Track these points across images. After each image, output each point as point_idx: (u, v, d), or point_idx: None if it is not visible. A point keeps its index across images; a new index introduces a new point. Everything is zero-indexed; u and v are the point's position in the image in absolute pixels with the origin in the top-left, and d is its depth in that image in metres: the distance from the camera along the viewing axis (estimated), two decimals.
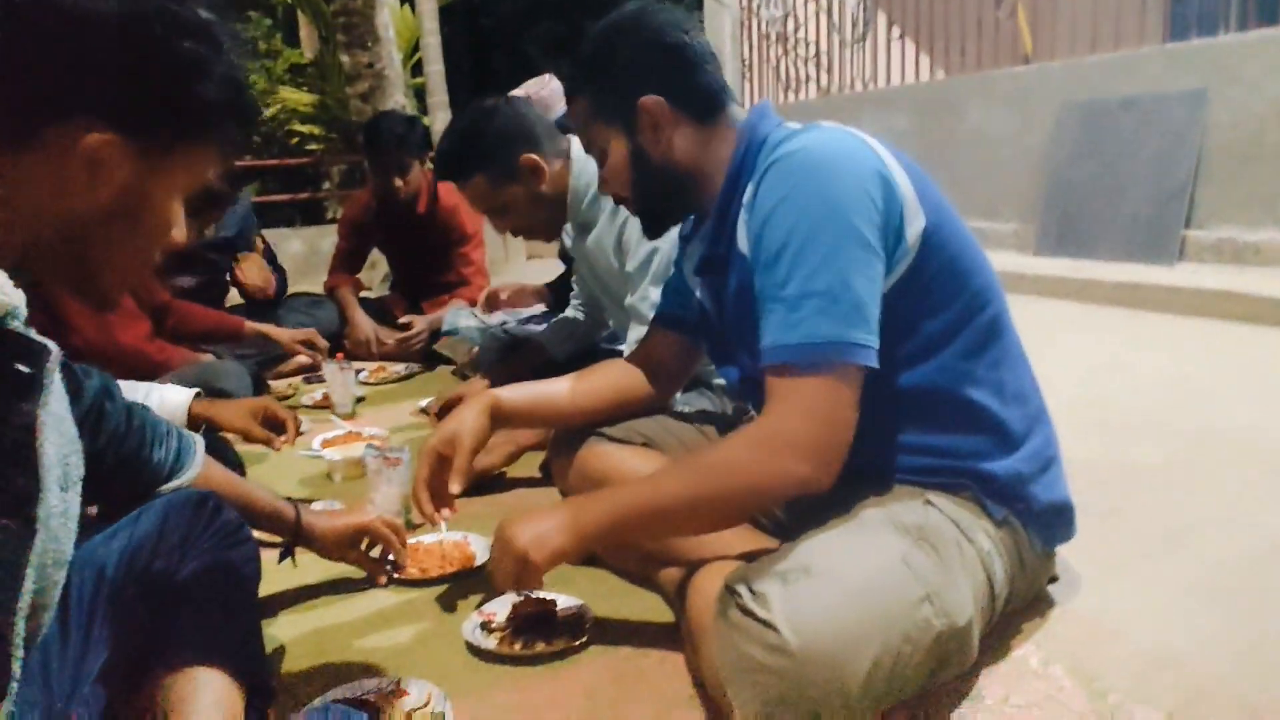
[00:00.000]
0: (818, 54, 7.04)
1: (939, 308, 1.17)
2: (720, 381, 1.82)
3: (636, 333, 1.86)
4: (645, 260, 1.88)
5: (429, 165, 3.56)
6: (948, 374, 1.18)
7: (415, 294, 3.69)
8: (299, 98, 7.41)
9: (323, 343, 2.91)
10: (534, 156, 2.01)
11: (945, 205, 1.21)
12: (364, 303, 3.70)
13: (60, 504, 0.76)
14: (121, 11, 0.69)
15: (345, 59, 5.66)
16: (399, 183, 3.39)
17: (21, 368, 0.70)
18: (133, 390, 1.73)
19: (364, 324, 3.54)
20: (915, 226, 1.14)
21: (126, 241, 0.78)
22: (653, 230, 1.42)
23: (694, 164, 1.30)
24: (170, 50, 0.72)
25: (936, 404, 1.19)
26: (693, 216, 1.43)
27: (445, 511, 1.40)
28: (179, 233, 0.83)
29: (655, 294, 1.77)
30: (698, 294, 1.41)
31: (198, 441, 1.26)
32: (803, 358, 1.06)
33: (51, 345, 0.73)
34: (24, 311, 0.70)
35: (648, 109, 1.27)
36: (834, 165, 1.11)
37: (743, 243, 1.21)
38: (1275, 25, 4.04)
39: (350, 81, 5.81)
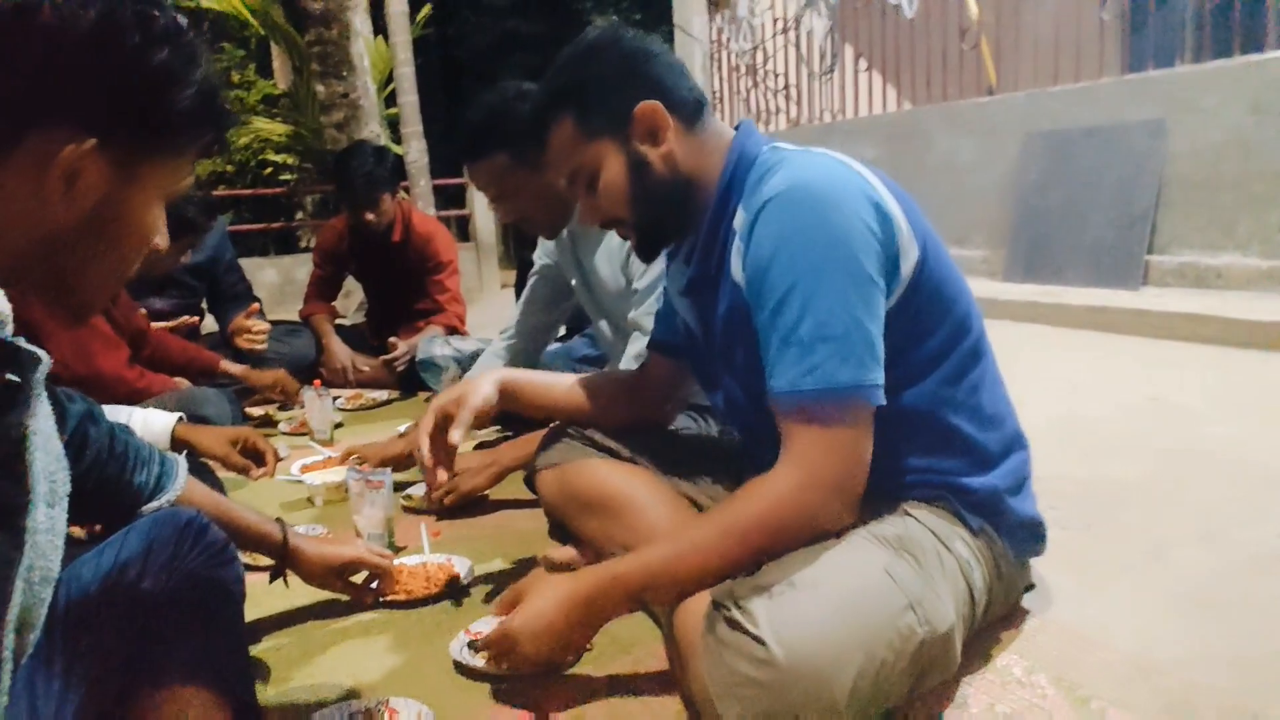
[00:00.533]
0: (787, 86, 7.16)
1: (925, 335, 1.19)
2: (703, 402, 1.83)
3: (638, 345, 1.86)
4: (656, 279, 1.85)
5: (400, 196, 3.57)
6: (930, 400, 1.20)
7: (391, 321, 3.67)
8: (273, 128, 7.40)
9: (293, 385, 2.90)
10: None
11: (931, 232, 1.22)
12: (340, 330, 3.69)
13: (47, 520, 0.76)
14: (97, 21, 0.69)
15: (320, 88, 5.68)
16: (370, 216, 3.40)
17: (11, 376, 0.69)
18: (115, 414, 1.72)
19: (340, 352, 3.52)
20: (911, 259, 1.15)
21: (106, 252, 0.77)
22: (648, 251, 1.37)
23: (692, 171, 1.27)
24: (147, 59, 0.72)
25: (917, 429, 1.21)
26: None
27: (425, 532, 1.39)
28: (162, 240, 0.82)
29: None
30: (682, 314, 1.42)
31: (180, 463, 1.24)
32: (822, 402, 1.07)
33: (41, 354, 0.73)
34: (10, 320, 0.70)
35: (645, 114, 1.23)
36: (833, 200, 1.11)
37: (736, 271, 1.20)
38: (1230, 57, 4.17)
39: (325, 111, 5.83)
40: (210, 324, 3.52)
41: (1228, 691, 1.16)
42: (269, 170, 7.44)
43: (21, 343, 0.70)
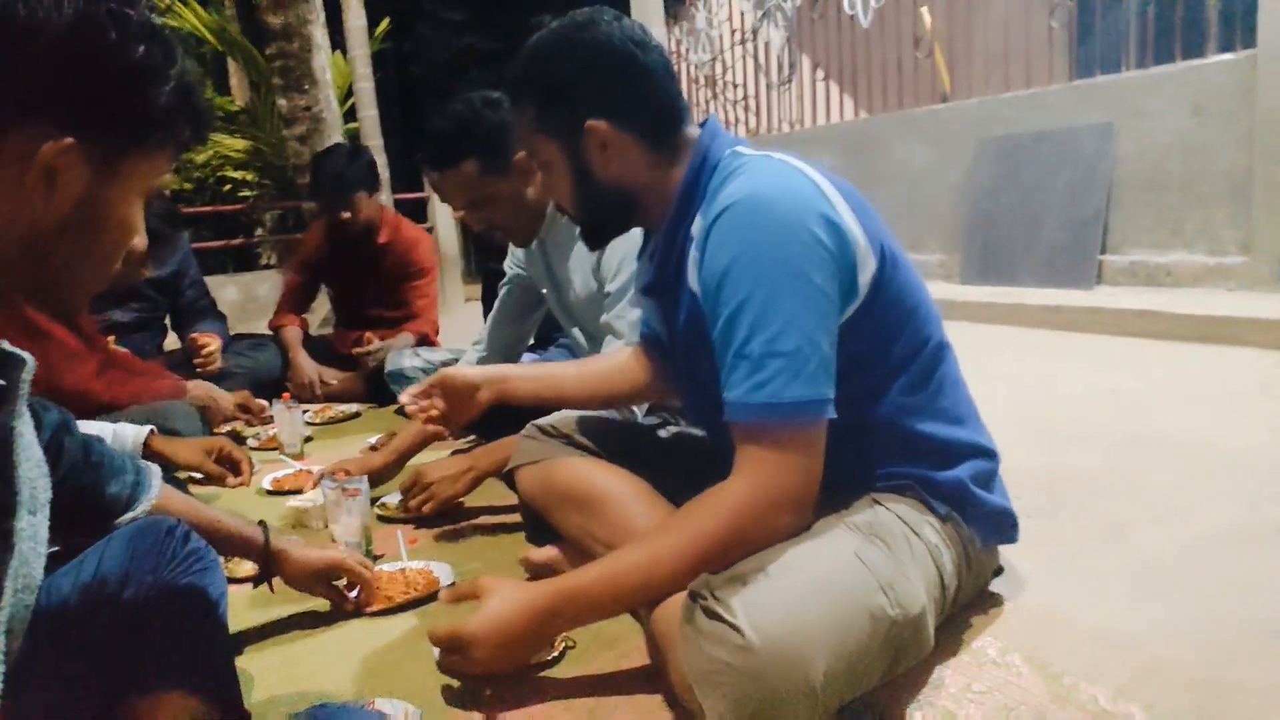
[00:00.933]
0: (745, 96, 7.25)
1: (887, 344, 1.21)
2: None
3: (611, 349, 1.87)
4: (627, 283, 1.87)
5: (379, 197, 3.56)
6: (894, 409, 1.23)
7: (361, 329, 3.65)
8: (232, 143, 7.33)
9: (258, 404, 2.87)
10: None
11: (890, 240, 1.23)
12: (308, 341, 3.66)
13: (29, 527, 0.76)
14: (74, 19, 0.69)
15: (282, 102, 5.64)
16: (345, 215, 3.40)
17: None
18: (86, 428, 1.70)
19: (306, 365, 3.50)
20: (868, 270, 1.16)
21: (89, 249, 0.77)
22: (593, 242, 1.40)
23: (642, 184, 1.28)
24: (124, 56, 0.72)
25: (883, 437, 1.24)
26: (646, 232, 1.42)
27: (402, 539, 1.39)
28: (140, 241, 0.82)
29: (634, 314, 1.79)
30: (646, 314, 1.44)
31: (154, 471, 1.23)
32: (772, 417, 1.09)
33: (26, 356, 0.73)
34: None
35: (593, 131, 1.23)
36: (785, 214, 1.11)
37: (692, 279, 1.22)
38: (1173, 63, 4.31)
39: (288, 124, 5.78)
40: (172, 341, 3.47)
41: (1193, 664, 1.20)
42: (228, 187, 7.37)
43: (5, 345, 0.71)
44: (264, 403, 2.88)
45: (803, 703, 0.96)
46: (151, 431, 1.78)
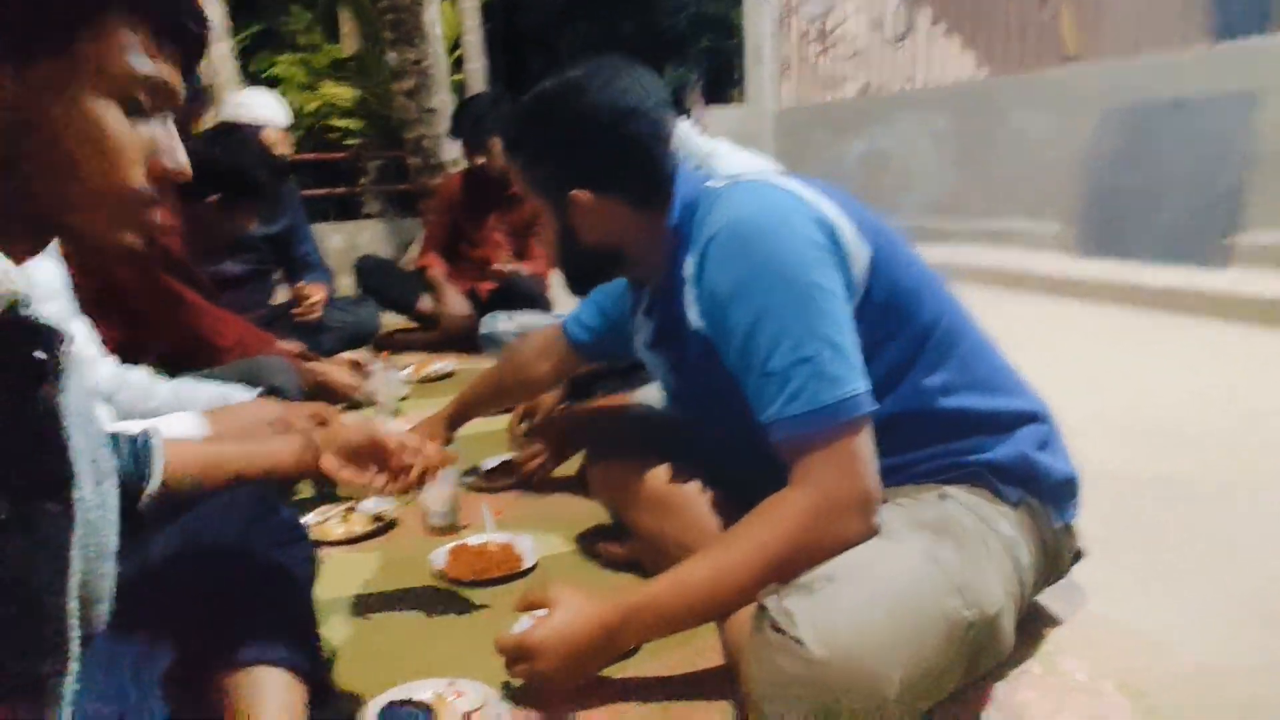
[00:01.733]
0: (857, 52, 7.00)
1: (895, 332, 1.19)
2: None
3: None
4: None
5: None
6: (920, 396, 1.19)
7: (478, 278, 3.82)
8: (340, 91, 7.48)
9: (364, 362, 2.94)
10: None
11: (886, 230, 1.22)
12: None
13: (96, 497, 0.78)
14: None
15: (392, 55, 5.68)
16: (479, 159, 3.59)
17: (38, 354, 0.69)
18: (194, 393, 1.78)
19: (457, 303, 3.71)
20: (861, 261, 1.16)
21: (54, 164, 0.71)
22: (577, 290, 1.45)
23: (626, 245, 1.31)
24: None
25: (924, 422, 1.20)
26: (636, 287, 1.45)
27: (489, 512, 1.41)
28: (168, 158, 0.76)
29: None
30: (651, 368, 1.48)
31: (154, 436, 1.06)
32: (815, 424, 1.07)
33: (66, 330, 0.72)
34: (32, 297, 0.70)
35: (578, 201, 1.25)
36: (772, 225, 1.13)
37: (693, 317, 1.23)
38: None
39: (396, 78, 5.84)
40: (283, 296, 3.58)
41: None
42: (334, 135, 7.53)
43: (47, 320, 0.71)
44: (360, 357, 2.96)
45: (876, 714, 0.93)
46: (260, 394, 1.84)
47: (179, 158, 0.77)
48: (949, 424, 1.21)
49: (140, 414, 1.63)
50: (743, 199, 1.18)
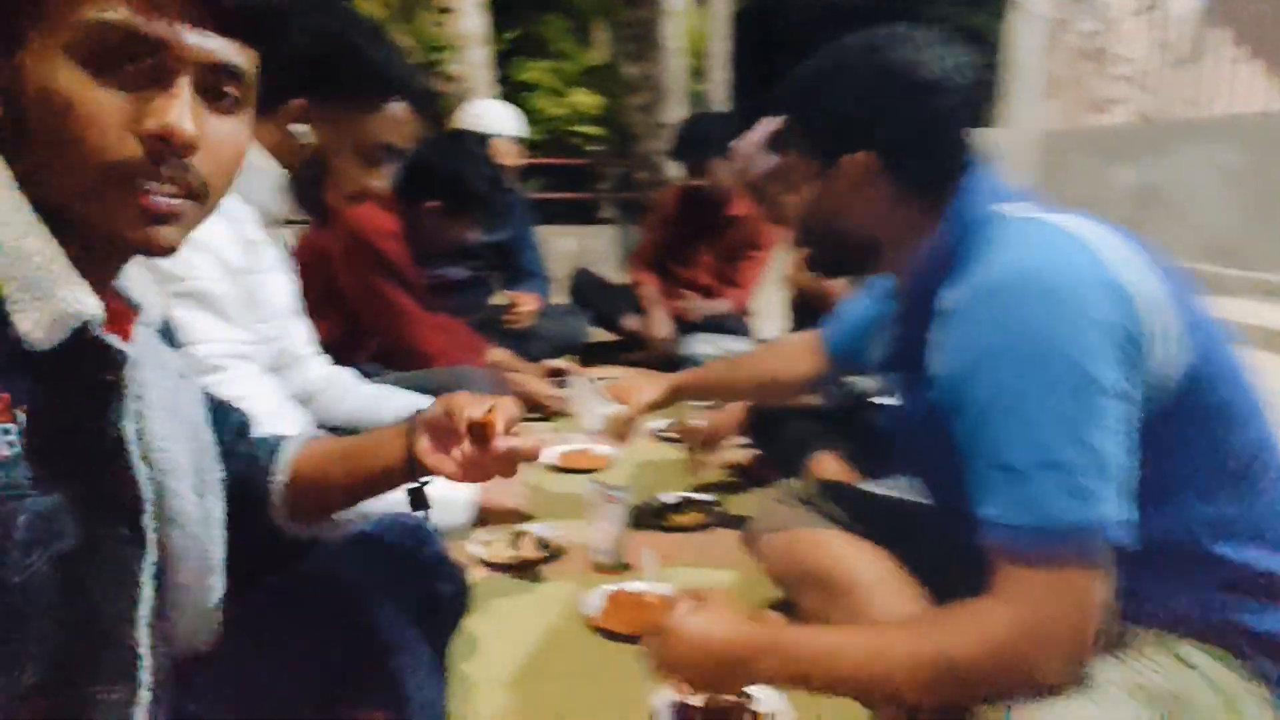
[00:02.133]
0: (1135, 74, 6.33)
1: (1189, 451, 0.95)
2: None
3: None
4: None
5: None
6: (1188, 528, 0.95)
7: (681, 298, 3.77)
8: (587, 100, 7.74)
9: (566, 369, 2.97)
10: None
11: (1217, 336, 0.97)
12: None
13: (199, 511, 0.78)
14: None
15: (629, 68, 5.78)
16: (697, 181, 3.51)
17: (106, 376, 0.69)
18: (389, 400, 1.81)
19: (663, 325, 3.63)
20: (1174, 365, 0.92)
21: (50, 151, 0.64)
22: (823, 271, 1.28)
23: (883, 235, 1.12)
24: None
25: (1181, 562, 0.96)
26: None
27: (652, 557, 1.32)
28: (176, 127, 0.64)
29: None
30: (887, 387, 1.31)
31: (282, 437, 1.01)
32: (1043, 542, 0.87)
33: (129, 350, 0.71)
34: (102, 317, 0.67)
35: (850, 166, 1.08)
36: (1058, 294, 0.90)
37: (937, 363, 1.02)
38: None
39: (631, 91, 5.93)
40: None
41: None
42: (576, 140, 7.78)
43: (113, 340, 0.69)
44: (564, 365, 2.99)
45: None
46: None
47: (169, 117, 0.64)
48: (1214, 571, 0.97)
49: (338, 415, 1.69)
50: (1036, 248, 0.96)
